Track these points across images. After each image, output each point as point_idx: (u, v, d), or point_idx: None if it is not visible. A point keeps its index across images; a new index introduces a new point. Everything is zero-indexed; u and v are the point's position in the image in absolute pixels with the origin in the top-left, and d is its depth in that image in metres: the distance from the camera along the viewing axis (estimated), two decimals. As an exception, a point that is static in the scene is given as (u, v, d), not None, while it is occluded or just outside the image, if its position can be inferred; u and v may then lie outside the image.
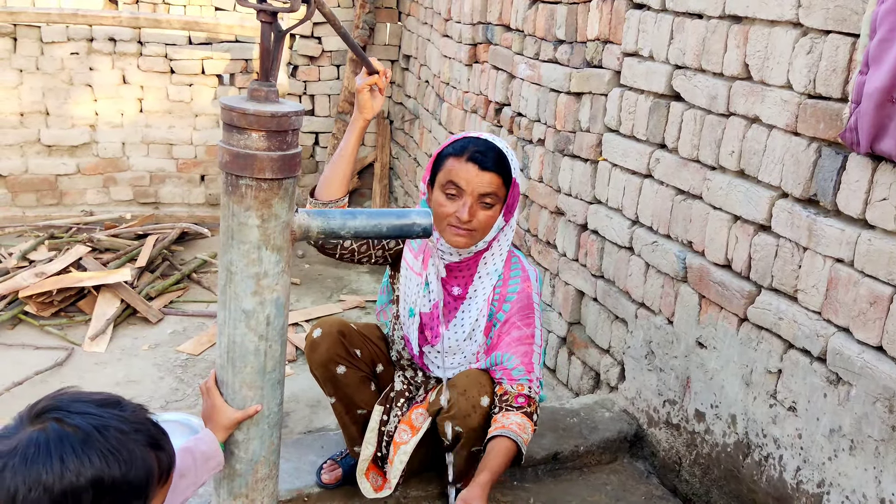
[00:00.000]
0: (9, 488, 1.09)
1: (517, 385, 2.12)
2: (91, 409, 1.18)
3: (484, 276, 2.21)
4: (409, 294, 2.24)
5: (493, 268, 2.21)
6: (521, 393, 2.12)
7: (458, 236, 2.11)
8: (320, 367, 2.26)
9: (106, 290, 4.40)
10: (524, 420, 2.08)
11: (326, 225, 1.36)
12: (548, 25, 3.32)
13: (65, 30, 5.57)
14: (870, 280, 1.88)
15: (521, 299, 2.20)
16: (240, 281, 1.32)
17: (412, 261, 2.23)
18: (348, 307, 4.72)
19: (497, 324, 2.21)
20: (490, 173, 2.07)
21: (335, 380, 2.27)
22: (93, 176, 5.91)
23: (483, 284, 2.21)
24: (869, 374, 1.87)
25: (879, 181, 1.84)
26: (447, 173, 2.09)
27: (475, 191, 2.07)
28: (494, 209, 2.11)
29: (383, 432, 2.29)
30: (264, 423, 1.42)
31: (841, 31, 1.93)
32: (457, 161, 2.08)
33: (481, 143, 2.10)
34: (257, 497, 1.48)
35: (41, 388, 3.60)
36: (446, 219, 2.10)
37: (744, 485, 2.33)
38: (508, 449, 2.02)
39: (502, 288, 2.21)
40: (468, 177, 2.07)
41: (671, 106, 2.57)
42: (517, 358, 2.15)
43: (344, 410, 2.33)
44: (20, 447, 1.12)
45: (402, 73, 6.00)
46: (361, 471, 2.28)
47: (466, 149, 2.09)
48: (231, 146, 1.27)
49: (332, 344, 2.24)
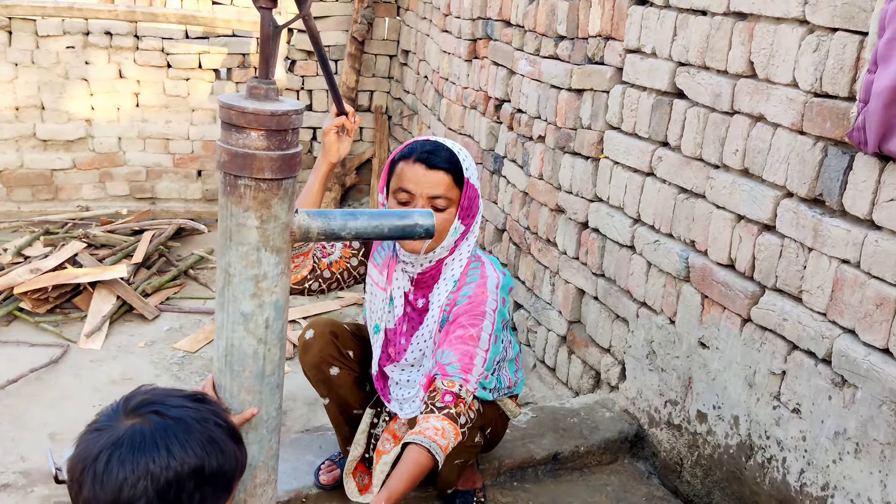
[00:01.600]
0: (116, 478, 1.13)
1: (448, 381, 1.92)
2: (187, 403, 1.22)
3: (441, 284, 2.12)
4: (374, 310, 2.18)
5: (451, 275, 2.12)
6: (450, 390, 1.91)
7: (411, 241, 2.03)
8: (313, 368, 2.24)
9: (102, 287, 4.37)
10: (445, 423, 1.86)
11: (327, 226, 1.33)
12: (549, 21, 3.29)
13: (60, 23, 5.53)
14: (876, 281, 1.85)
15: (472, 303, 2.04)
16: (238, 283, 1.29)
17: (377, 276, 2.17)
18: (346, 304, 4.69)
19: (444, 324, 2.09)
20: (438, 171, 2.00)
21: (328, 381, 2.24)
22: (89, 171, 5.87)
23: (440, 292, 2.12)
24: (875, 376, 1.85)
25: (887, 181, 1.81)
26: (398, 178, 2.04)
27: (424, 192, 2.00)
28: (448, 212, 2.03)
29: (372, 434, 2.27)
30: (263, 427, 1.39)
31: (848, 28, 1.90)
32: (406, 164, 2.03)
33: (429, 144, 2.05)
34: (255, 503, 1.45)
35: (36, 385, 3.58)
36: None
37: (746, 487, 2.31)
38: (419, 462, 1.79)
39: (455, 293, 2.08)
40: (416, 177, 2.00)
41: (674, 103, 2.54)
42: (455, 355, 1.96)
43: (338, 411, 2.31)
44: (125, 438, 1.15)
45: (400, 69, 5.96)
46: (348, 471, 2.26)
47: (414, 150, 2.04)
48: (229, 145, 1.24)
49: (325, 345, 2.22)
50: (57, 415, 3.37)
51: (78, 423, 3.43)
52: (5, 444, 3.16)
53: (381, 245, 2.18)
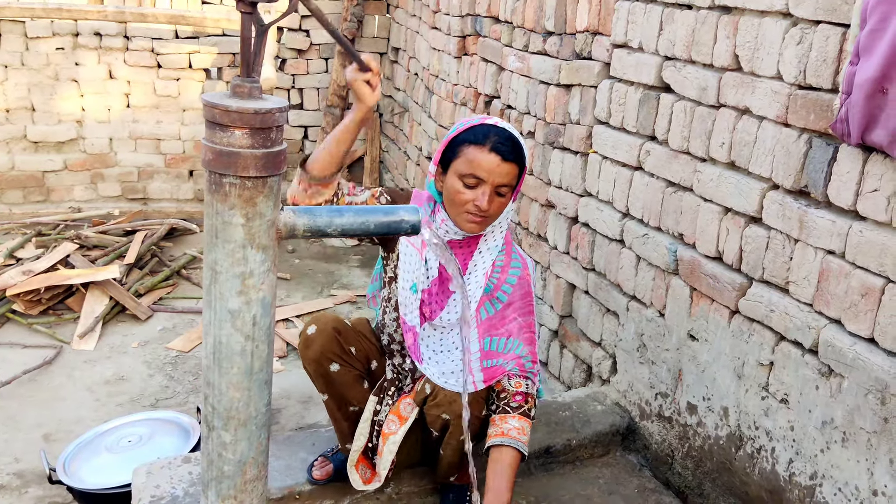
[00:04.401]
0: None
1: (515, 382, 2.17)
2: None
3: (484, 251, 2.20)
4: (409, 270, 2.21)
5: (494, 243, 2.20)
6: (519, 391, 2.16)
7: (472, 223, 2.09)
8: (313, 363, 2.24)
9: (94, 288, 4.37)
10: (522, 422, 2.13)
11: (313, 223, 1.34)
12: (537, 17, 3.30)
13: (50, 24, 5.52)
14: (861, 272, 1.87)
15: (522, 286, 2.22)
16: (225, 281, 1.30)
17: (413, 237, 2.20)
18: (339, 302, 4.70)
19: (497, 304, 2.20)
20: (510, 164, 2.05)
21: (328, 376, 2.25)
22: (80, 172, 5.86)
23: (483, 259, 2.20)
24: (861, 365, 1.86)
25: (870, 172, 1.83)
26: (469, 164, 2.05)
27: (495, 181, 2.05)
28: (507, 196, 2.11)
29: (375, 422, 2.28)
30: (252, 424, 1.40)
31: (831, 21, 1.92)
32: (479, 150, 2.04)
33: (502, 133, 2.06)
34: (246, 499, 1.45)
35: (30, 386, 3.58)
36: (464, 206, 2.07)
37: (736, 477, 2.32)
38: (515, 460, 2.09)
39: (501, 273, 2.21)
40: (490, 167, 2.03)
41: (661, 98, 2.56)
42: (525, 348, 2.19)
43: (336, 407, 2.31)
44: None
45: (391, 66, 5.96)
46: (352, 462, 2.27)
47: (488, 138, 2.05)
48: (214, 144, 1.24)
49: (327, 340, 2.22)
50: (51, 415, 3.37)
51: (72, 424, 3.46)
52: (-1, 445, 3.16)
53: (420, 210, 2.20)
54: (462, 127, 2.11)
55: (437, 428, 2.19)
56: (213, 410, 1.39)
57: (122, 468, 2.71)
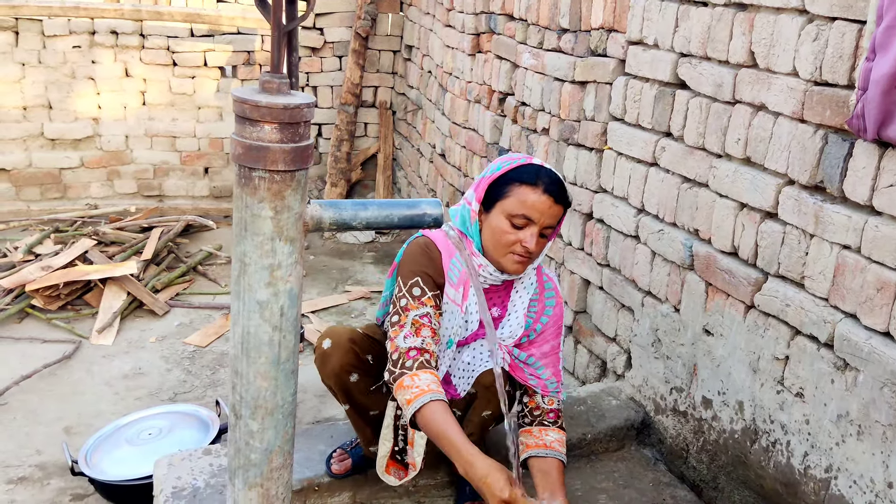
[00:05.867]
0: None
1: (548, 400, 2.22)
2: None
3: (521, 290, 2.24)
4: (449, 327, 2.20)
5: (529, 281, 2.23)
6: (552, 408, 2.22)
7: (518, 264, 2.08)
8: (333, 377, 2.24)
9: (112, 283, 4.42)
10: (561, 435, 2.20)
11: (338, 216, 1.37)
12: (551, 14, 3.32)
13: (67, 23, 5.57)
14: (877, 266, 1.89)
15: (556, 315, 2.28)
16: (253, 272, 1.33)
17: (454, 294, 2.17)
18: (354, 297, 4.73)
19: (532, 334, 2.26)
20: (559, 206, 2.05)
21: (347, 388, 2.24)
22: (96, 169, 5.92)
23: (521, 298, 2.23)
24: (876, 359, 1.88)
25: (887, 167, 1.84)
26: (521, 204, 2.02)
27: (545, 223, 2.04)
28: (549, 237, 2.11)
29: (398, 426, 2.29)
30: (279, 412, 1.43)
31: (847, 17, 1.93)
32: (532, 191, 2.02)
33: (552, 174, 2.05)
34: (272, 486, 1.49)
35: (50, 380, 3.63)
36: (510, 246, 2.05)
37: (751, 471, 2.34)
38: (561, 469, 2.14)
39: (539, 307, 2.26)
40: (543, 209, 2.02)
41: (676, 94, 2.57)
42: (548, 369, 2.25)
43: (357, 415, 2.31)
44: None
45: (404, 64, 5.99)
46: (381, 467, 2.26)
47: (540, 178, 2.03)
48: (244, 138, 1.27)
49: (344, 353, 2.22)
50: (71, 409, 3.42)
51: (91, 418, 3.50)
52: (20, 438, 3.21)
53: (451, 265, 2.17)
54: (509, 165, 2.07)
55: (460, 407, 2.22)
56: (240, 399, 1.42)
57: (142, 460, 2.75)
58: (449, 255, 2.17)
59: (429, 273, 2.14)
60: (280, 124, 1.26)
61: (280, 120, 1.25)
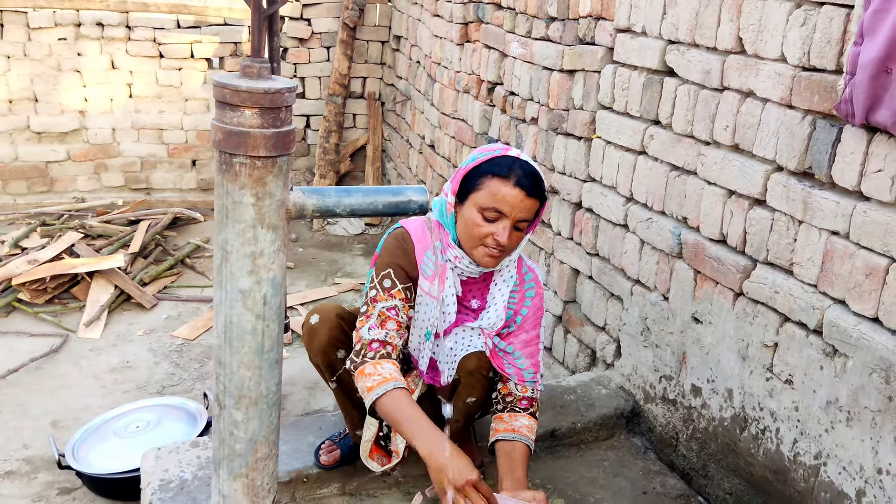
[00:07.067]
0: None
1: (521, 387, 2.22)
2: None
3: (500, 283, 2.22)
4: (425, 319, 2.18)
5: (509, 274, 2.21)
6: (525, 396, 2.22)
7: (490, 257, 2.06)
8: (320, 353, 2.24)
9: (99, 277, 4.39)
10: (531, 422, 2.20)
11: (322, 203, 1.35)
12: (539, 3, 3.30)
13: (52, 15, 5.51)
14: (865, 252, 1.88)
15: (536, 306, 2.27)
16: (235, 260, 1.31)
17: (428, 286, 2.16)
18: (343, 290, 4.71)
19: (512, 326, 2.26)
20: (533, 199, 2.02)
21: (334, 365, 2.25)
22: (83, 162, 5.87)
23: (500, 291, 2.21)
24: (865, 345, 1.87)
25: (875, 152, 1.84)
26: (491, 197, 1.99)
27: (517, 216, 2.01)
28: (524, 230, 2.08)
29: None
30: (263, 402, 1.42)
31: (835, 2, 1.92)
32: (503, 184, 1.98)
33: (526, 167, 2.02)
34: (257, 477, 1.47)
35: (37, 374, 3.60)
36: (481, 239, 2.03)
37: (741, 458, 2.34)
38: (527, 454, 2.15)
39: (518, 299, 2.24)
40: (514, 202, 1.99)
41: (665, 82, 2.56)
42: (527, 359, 2.24)
43: (344, 395, 2.32)
44: None
45: (392, 55, 5.96)
46: (365, 452, 2.27)
47: (512, 171, 1.99)
48: (224, 124, 1.25)
49: (332, 328, 2.22)
50: (58, 403, 3.39)
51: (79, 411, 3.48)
52: (7, 432, 3.18)
53: (426, 258, 2.15)
54: (483, 157, 2.04)
55: (446, 395, 2.22)
56: (224, 389, 1.41)
57: (130, 453, 2.74)
58: (424, 247, 2.15)
59: (401, 265, 2.13)
60: (261, 109, 1.24)
61: (261, 105, 1.24)
